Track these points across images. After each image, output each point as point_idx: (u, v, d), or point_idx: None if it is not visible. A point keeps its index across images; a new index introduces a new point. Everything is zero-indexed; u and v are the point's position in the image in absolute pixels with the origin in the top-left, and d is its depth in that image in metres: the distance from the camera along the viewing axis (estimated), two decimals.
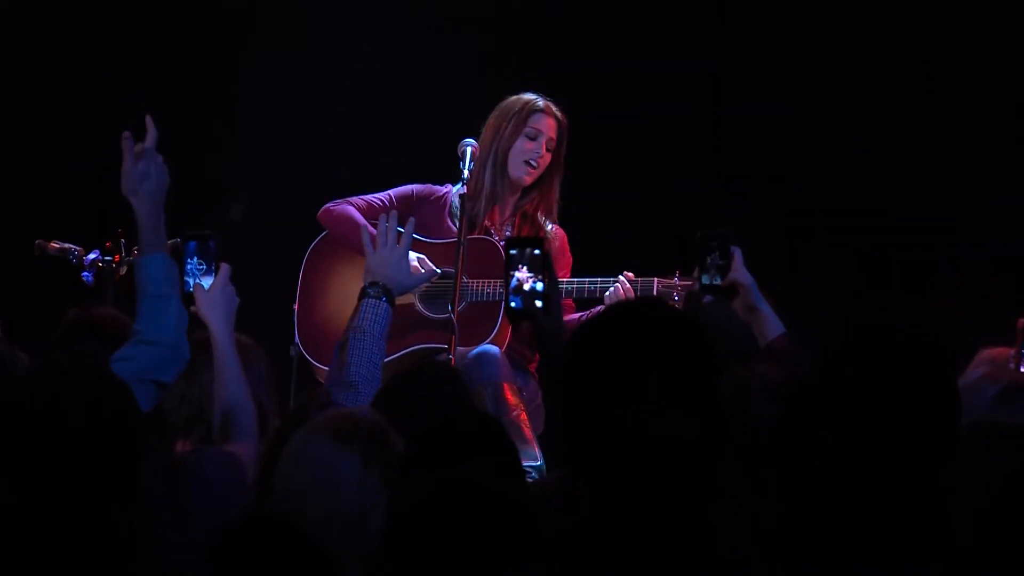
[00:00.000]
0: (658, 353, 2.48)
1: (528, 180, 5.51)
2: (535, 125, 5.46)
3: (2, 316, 4.94)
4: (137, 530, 2.99)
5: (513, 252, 3.74)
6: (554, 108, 5.51)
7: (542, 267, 3.70)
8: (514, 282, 3.72)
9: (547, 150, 5.50)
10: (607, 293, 5.24)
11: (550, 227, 5.61)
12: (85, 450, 2.91)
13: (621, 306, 2.59)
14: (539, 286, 3.68)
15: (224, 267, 4.31)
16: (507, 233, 5.52)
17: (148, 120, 4.05)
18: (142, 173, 4.01)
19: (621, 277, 5.26)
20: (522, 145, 5.47)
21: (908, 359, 2.87)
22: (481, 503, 2.76)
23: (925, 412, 2.80)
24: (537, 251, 3.72)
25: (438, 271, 4.62)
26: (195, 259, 4.41)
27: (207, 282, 4.31)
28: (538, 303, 3.62)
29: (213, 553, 2.78)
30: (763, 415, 3.36)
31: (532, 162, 5.49)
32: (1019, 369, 4.64)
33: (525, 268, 3.66)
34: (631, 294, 5.17)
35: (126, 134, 4.02)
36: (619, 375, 2.47)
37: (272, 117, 7.37)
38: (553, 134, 5.48)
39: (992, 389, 4.03)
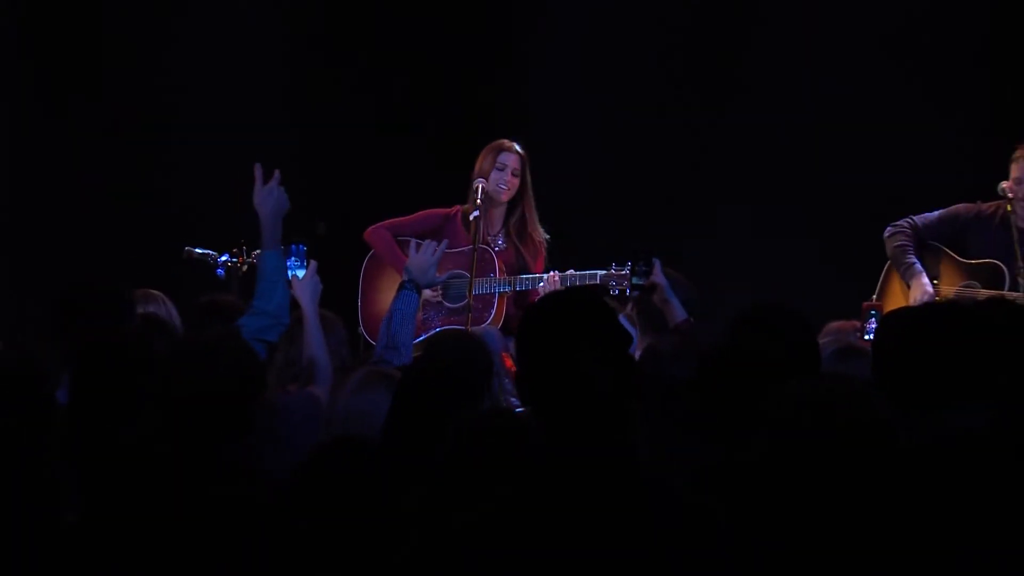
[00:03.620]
0: (583, 323, 3.05)
1: (503, 197, 7.05)
2: (502, 160, 7.03)
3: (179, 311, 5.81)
4: (250, 453, 3.69)
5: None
6: (516, 147, 7.06)
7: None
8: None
9: (513, 176, 7.04)
10: (540, 285, 6.76)
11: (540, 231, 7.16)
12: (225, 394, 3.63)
13: (559, 293, 3.19)
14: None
15: (312, 263, 5.71)
16: (500, 242, 7.08)
17: (257, 169, 5.11)
18: (266, 193, 5.13)
19: (547, 275, 6.76)
20: (495, 175, 7.03)
21: (785, 326, 4.01)
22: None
23: (797, 359, 3.89)
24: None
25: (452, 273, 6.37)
26: (293, 257, 5.90)
27: (301, 273, 5.71)
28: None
29: (304, 469, 3.39)
30: (673, 372, 4.11)
31: (502, 185, 7.04)
32: (863, 338, 5.90)
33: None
34: (557, 286, 6.66)
35: (257, 165, 5.16)
36: (557, 339, 3.03)
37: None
38: (515, 165, 7.03)
39: (830, 348, 4.82)
